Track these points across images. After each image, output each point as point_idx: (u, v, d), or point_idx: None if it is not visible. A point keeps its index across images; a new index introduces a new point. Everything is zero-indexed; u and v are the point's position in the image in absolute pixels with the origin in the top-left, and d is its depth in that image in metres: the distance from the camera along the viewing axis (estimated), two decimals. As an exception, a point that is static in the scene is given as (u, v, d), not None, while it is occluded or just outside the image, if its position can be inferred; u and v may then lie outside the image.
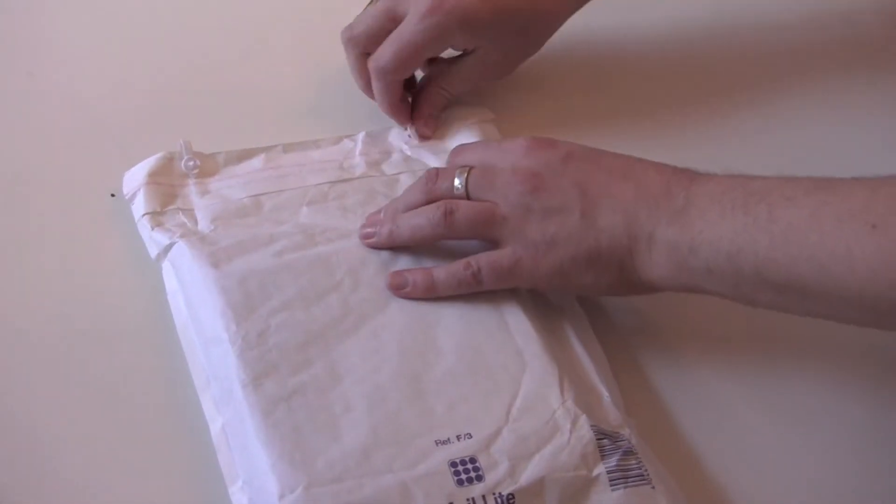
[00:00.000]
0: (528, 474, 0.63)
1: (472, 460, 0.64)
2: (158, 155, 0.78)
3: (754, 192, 0.65)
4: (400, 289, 0.71)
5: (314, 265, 0.72)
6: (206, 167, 0.79)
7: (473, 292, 0.71)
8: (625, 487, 0.64)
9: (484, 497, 0.62)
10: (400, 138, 0.83)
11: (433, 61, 0.84)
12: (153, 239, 0.74)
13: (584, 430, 0.65)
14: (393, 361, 0.68)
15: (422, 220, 0.72)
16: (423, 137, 0.83)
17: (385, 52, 0.79)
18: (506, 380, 0.68)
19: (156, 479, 0.65)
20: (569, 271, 0.69)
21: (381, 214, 0.74)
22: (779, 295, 0.65)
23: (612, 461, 0.65)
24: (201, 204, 0.76)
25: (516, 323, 0.70)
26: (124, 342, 0.71)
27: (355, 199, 0.78)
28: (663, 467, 0.67)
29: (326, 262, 0.72)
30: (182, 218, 0.75)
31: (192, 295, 0.71)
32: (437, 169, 0.74)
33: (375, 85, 0.81)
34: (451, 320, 0.70)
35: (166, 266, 0.73)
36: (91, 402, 0.68)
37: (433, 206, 0.72)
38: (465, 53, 0.82)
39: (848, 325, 0.64)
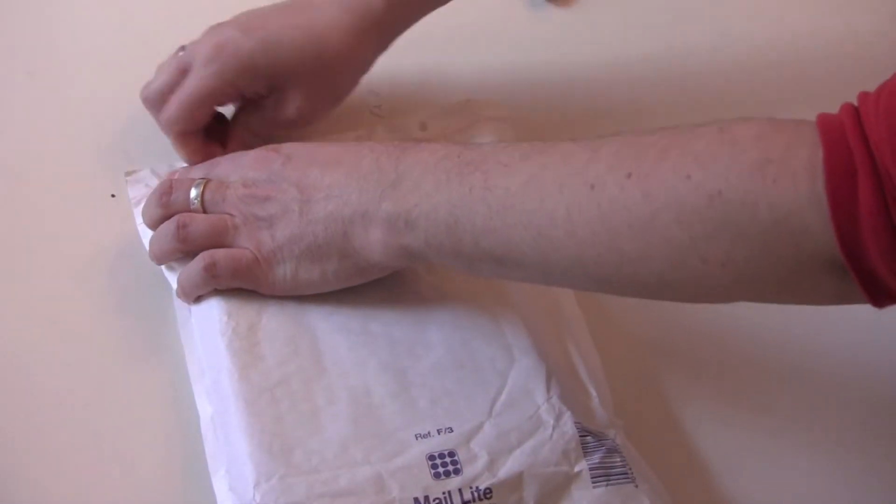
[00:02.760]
0: (506, 468, 0.64)
1: (451, 454, 0.64)
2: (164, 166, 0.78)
3: (470, 160, 0.64)
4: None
5: None
6: None
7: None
8: (607, 485, 0.64)
9: (460, 490, 0.62)
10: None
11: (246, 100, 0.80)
12: None
13: (568, 427, 0.65)
14: (380, 355, 0.68)
15: (160, 237, 0.72)
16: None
17: (170, 106, 0.77)
18: (492, 374, 0.68)
19: (146, 466, 0.66)
20: (297, 272, 0.69)
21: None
22: (499, 266, 0.64)
23: (595, 458, 0.65)
24: None
25: (508, 319, 0.71)
26: (123, 336, 0.72)
27: None
28: (650, 468, 0.67)
29: None
30: None
31: None
32: (170, 181, 0.73)
33: (170, 139, 0.78)
34: (443, 314, 0.70)
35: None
36: (88, 399, 0.69)
37: (168, 221, 0.71)
38: (268, 96, 0.78)
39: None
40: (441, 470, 0.63)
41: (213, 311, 0.69)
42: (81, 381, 0.70)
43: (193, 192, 0.71)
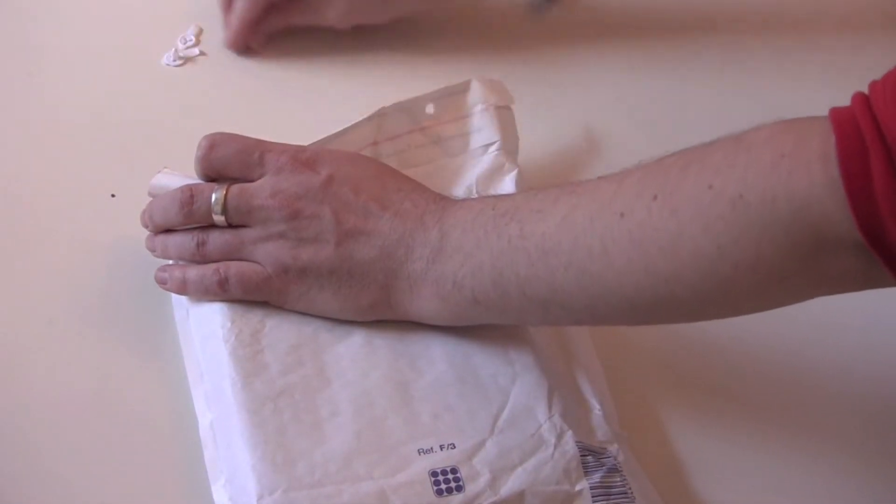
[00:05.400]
0: (508, 487, 0.64)
1: (454, 471, 0.64)
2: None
3: (504, 212, 0.66)
4: (162, 283, 0.71)
5: None
6: None
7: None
8: (607, 504, 0.64)
9: (462, 507, 0.62)
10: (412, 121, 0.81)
11: None
12: None
13: (569, 446, 0.65)
14: (383, 367, 0.68)
15: (178, 247, 0.71)
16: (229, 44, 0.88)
17: None
18: (495, 391, 0.68)
19: (142, 471, 0.66)
20: (315, 299, 0.69)
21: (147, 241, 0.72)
22: (547, 311, 0.66)
23: (596, 478, 0.65)
24: None
25: (510, 332, 0.70)
26: (123, 336, 0.72)
27: None
28: (651, 484, 0.67)
29: None
30: None
31: None
32: (190, 188, 0.70)
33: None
34: (446, 328, 0.70)
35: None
36: (86, 399, 0.69)
37: (186, 234, 0.70)
38: None
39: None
40: (443, 486, 0.63)
41: (214, 317, 0.69)
42: (80, 380, 0.69)
43: (214, 198, 0.69)
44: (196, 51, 0.89)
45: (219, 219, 0.69)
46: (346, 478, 0.62)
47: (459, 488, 0.63)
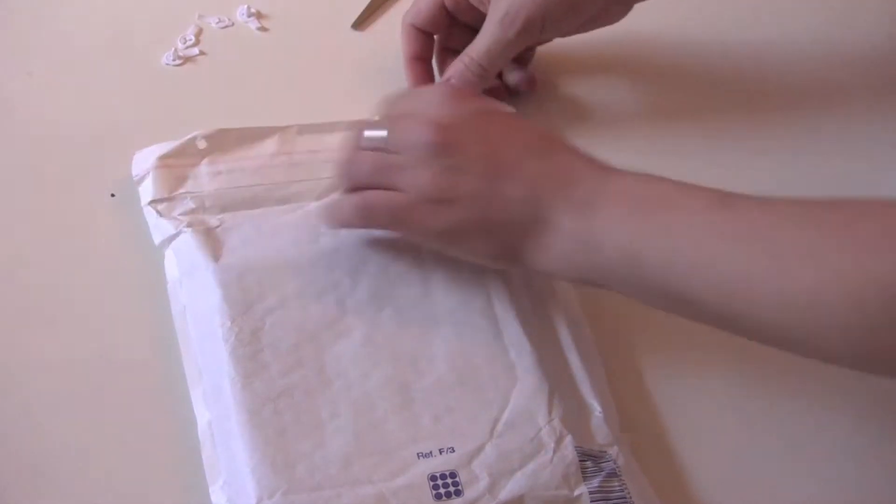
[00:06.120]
0: (507, 491, 0.64)
1: (453, 475, 0.64)
2: (173, 142, 0.78)
3: (660, 197, 0.65)
4: (320, 220, 0.73)
5: (315, 263, 0.72)
6: (221, 143, 0.78)
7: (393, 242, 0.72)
8: (605, 510, 0.64)
9: (461, 512, 0.63)
10: None
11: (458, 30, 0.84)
12: (158, 226, 0.74)
13: (568, 451, 0.65)
14: (384, 367, 0.68)
15: (346, 209, 0.71)
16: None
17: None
18: (495, 393, 0.68)
19: (138, 469, 0.66)
20: (459, 232, 0.68)
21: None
22: (678, 305, 0.65)
23: (595, 483, 0.65)
24: (211, 189, 0.76)
25: (512, 334, 0.70)
26: (122, 336, 0.72)
27: None
28: (651, 487, 0.67)
29: (328, 260, 0.72)
30: (190, 204, 0.75)
31: (191, 286, 0.71)
32: (363, 122, 0.72)
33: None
34: (447, 328, 0.70)
35: (168, 254, 0.73)
36: (85, 398, 0.69)
37: (353, 197, 0.71)
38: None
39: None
40: (442, 491, 0.63)
41: (213, 316, 0.69)
42: (80, 379, 0.69)
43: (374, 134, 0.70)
44: (196, 51, 0.88)
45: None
46: (345, 481, 0.62)
47: (458, 492, 0.63)
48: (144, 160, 0.77)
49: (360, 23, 0.92)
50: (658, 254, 0.63)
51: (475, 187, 0.66)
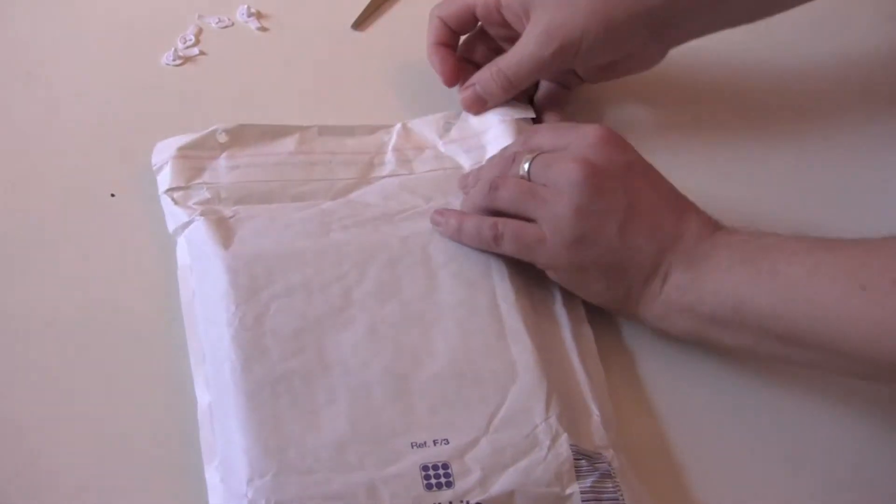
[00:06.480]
0: (498, 486, 0.64)
1: (445, 466, 0.64)
2: (194, 134, 0.78)
3: (763, 246, 0.67)
4: (436, 225, 0.74)
5: (324, 254, 0.73)
6: (241, 137, 0.79)
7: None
8: (597, 510, 0.64)
9: (451, 503, 0.62)
10: (435, 132, 0.83)
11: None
12: (173, 214, 0.75)
13: (563, 448, 0.65)
14: (384, 357, 0.68)
15: (475, 193, 0.74)
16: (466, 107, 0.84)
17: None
18: (493, 389, 0.68)
19: (138, 449, 0.67)
20: (585, 272, 0.70)
21: (467, 191, 0.76)
22: (783, 346, 0.67)
23: (587, 482, 0.65)
24: (227, 181, 0.77)
25: (515, 332, 0.70)
26: (121, 336, 0.72)
27: (377, 197, 0.78)
28: (646, 491, 0.67)
29: (337, 252, 0.73)
30: (206, 194, 0.76)
31: (201, 272, 0.72)
32: (514, 153, 0.74)
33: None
34: (450, 323, 0.70)
35: (181, 241, 0.74)
36: (86, 394, 0.69)
37: (485, 180, 0.74)
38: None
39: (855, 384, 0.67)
40: (433, 481, 0.63)
41: (220, 301, 0.69)
42: (80, 378, 0.70)
43: (524, 166, 0.72)
44: (196, 51, 0.89)
45: (522, 168, 0.72)
46: (337, 466, 0.63)
47: (449, 484, 0.63)
48: (164, 150, 0.78)
49: (360, 23, 0.92)
50: (762, 300, 0.66)
51: (613, 235, 0.69)
